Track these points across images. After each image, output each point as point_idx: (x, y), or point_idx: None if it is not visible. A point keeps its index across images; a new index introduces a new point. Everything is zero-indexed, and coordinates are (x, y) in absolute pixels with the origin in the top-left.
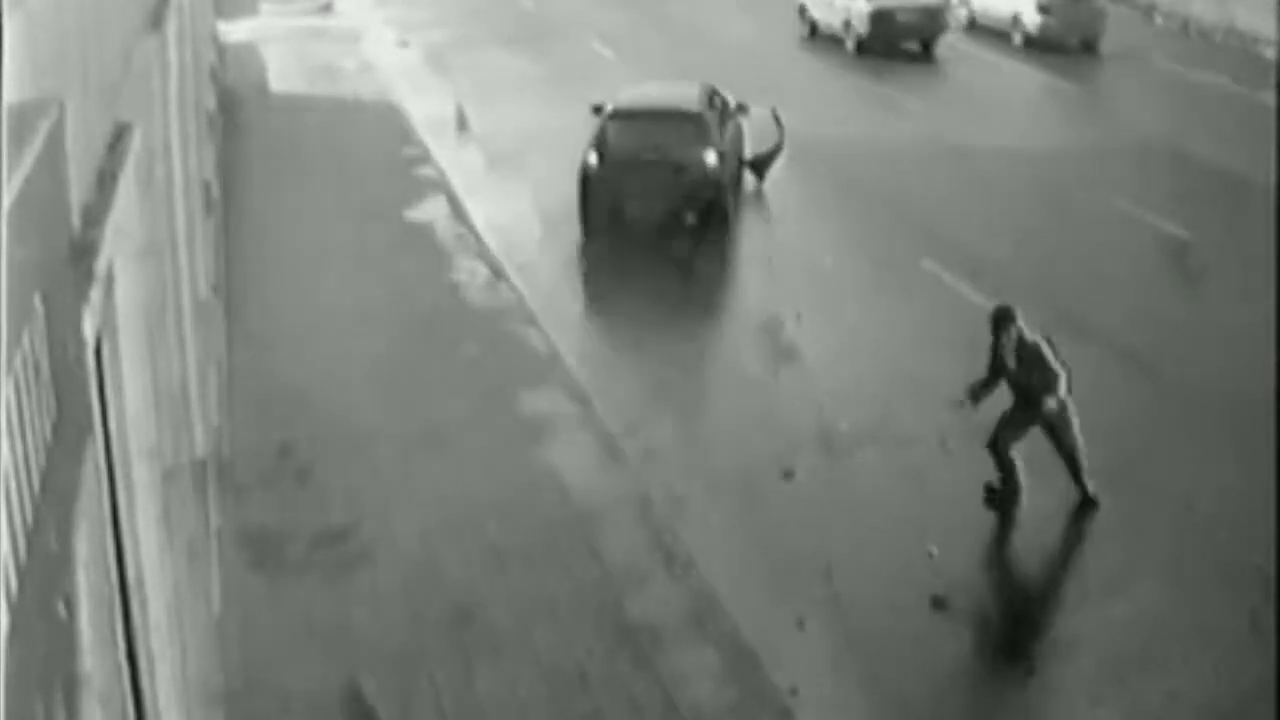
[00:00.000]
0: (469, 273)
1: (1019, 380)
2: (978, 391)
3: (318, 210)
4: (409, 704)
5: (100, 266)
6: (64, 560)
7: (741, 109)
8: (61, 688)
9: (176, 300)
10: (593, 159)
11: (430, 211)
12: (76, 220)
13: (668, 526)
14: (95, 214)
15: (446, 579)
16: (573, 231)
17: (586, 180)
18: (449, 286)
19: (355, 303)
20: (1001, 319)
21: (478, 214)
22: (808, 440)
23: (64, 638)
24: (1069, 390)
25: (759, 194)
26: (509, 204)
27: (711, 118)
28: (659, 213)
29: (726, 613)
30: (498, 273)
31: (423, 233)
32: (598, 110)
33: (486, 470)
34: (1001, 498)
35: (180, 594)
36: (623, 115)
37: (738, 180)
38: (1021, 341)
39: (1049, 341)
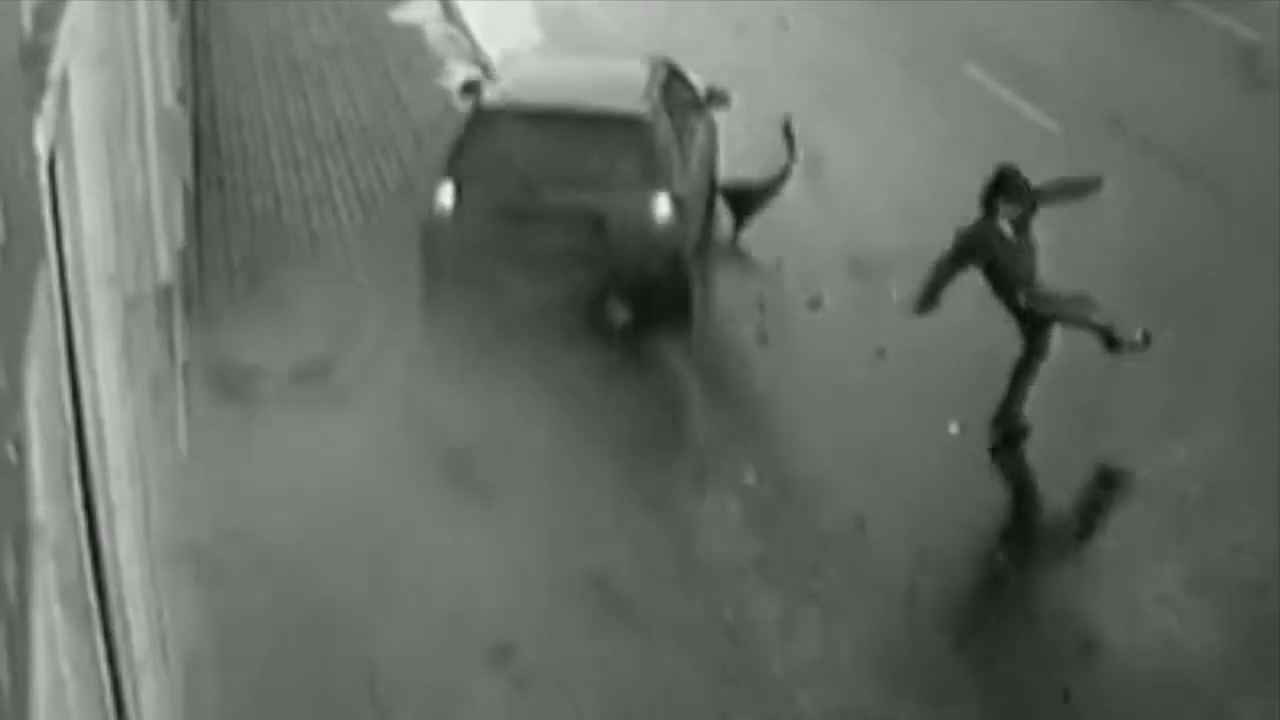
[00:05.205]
0: (461, 78)
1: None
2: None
3: (295, 12)
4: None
5: (54, 72)
6: (14, 398)
7: (717, 98)
8: (11, 539)
9: (138, 110)
10: (445, 195)
11: (419, 12)
12: (28, 23)
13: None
14: (48, 15)
15: (437, 417)
16: (576, 31)
17: (431, 234)
18: (439, 94)
19: (335, 113)
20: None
21: (470, 14)
22: (837, 265)
23: (14, 484)
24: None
25: (734, 245)
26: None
27: (666, 127)
28: (561, 301)
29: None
30: (493, 78)
31: (411, 35)
32: (469, 89)
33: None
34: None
35: (143, 435)
36: (509, 115)
37: (707, 225)
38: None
39: None
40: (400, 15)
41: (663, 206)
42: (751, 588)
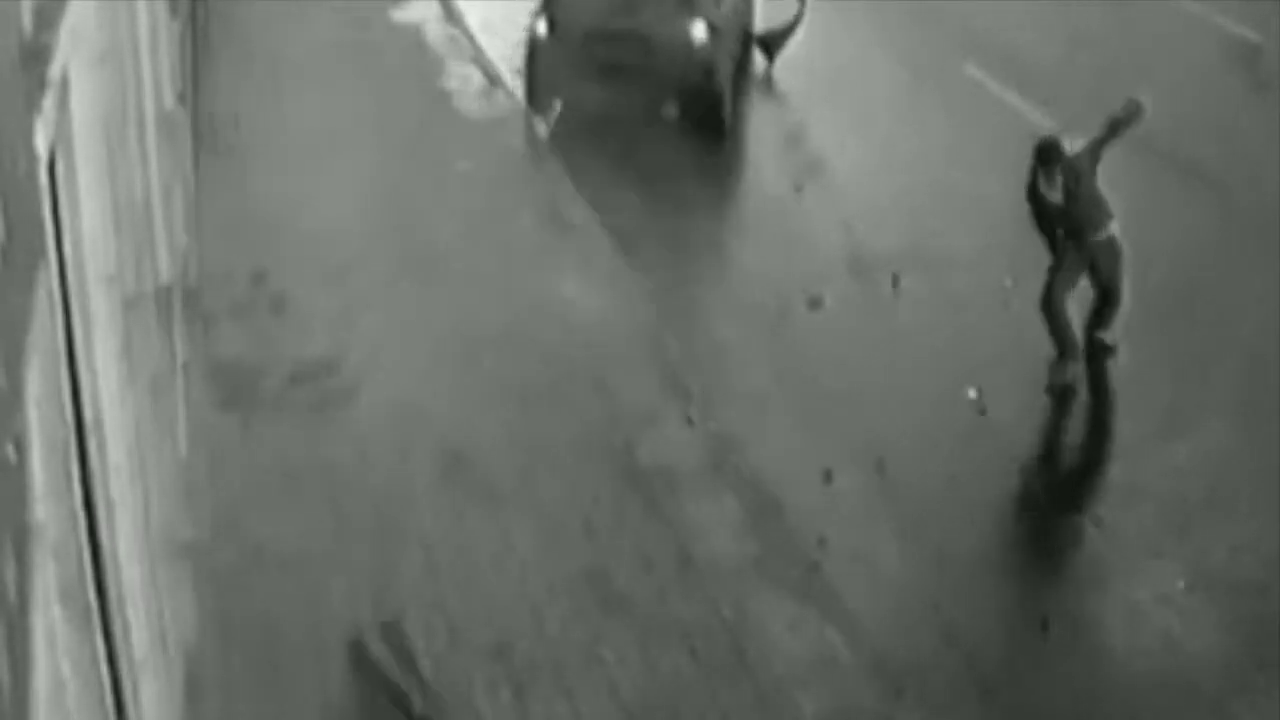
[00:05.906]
0: (462, 79)
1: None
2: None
3: (295, 12)
4: (394, 562)
5: (54, 73)
6: (14, 398)
7: None
8: (11, 539)
9: (139, 110)
10: (541, 25)
11: (419, 12)
12: (28, 22)
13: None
14: (48, 15)
15: (436, 418)
16: None
17: (533, 55)
18: (440, 95)
19: (336, 114)
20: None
21: (471, 14)
22: (837, 265)
23: (13, 483)
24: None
25: (768, 79)
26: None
27: None
28: (628, 103)
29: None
30: (494, 79)
31: (411, 35)
32: None
33: (482, 300)
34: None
35: (143, 435)
36: None
37: (743, 61)
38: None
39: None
40: (400, 15)
41: (698, 30)
42: (751, 588)
